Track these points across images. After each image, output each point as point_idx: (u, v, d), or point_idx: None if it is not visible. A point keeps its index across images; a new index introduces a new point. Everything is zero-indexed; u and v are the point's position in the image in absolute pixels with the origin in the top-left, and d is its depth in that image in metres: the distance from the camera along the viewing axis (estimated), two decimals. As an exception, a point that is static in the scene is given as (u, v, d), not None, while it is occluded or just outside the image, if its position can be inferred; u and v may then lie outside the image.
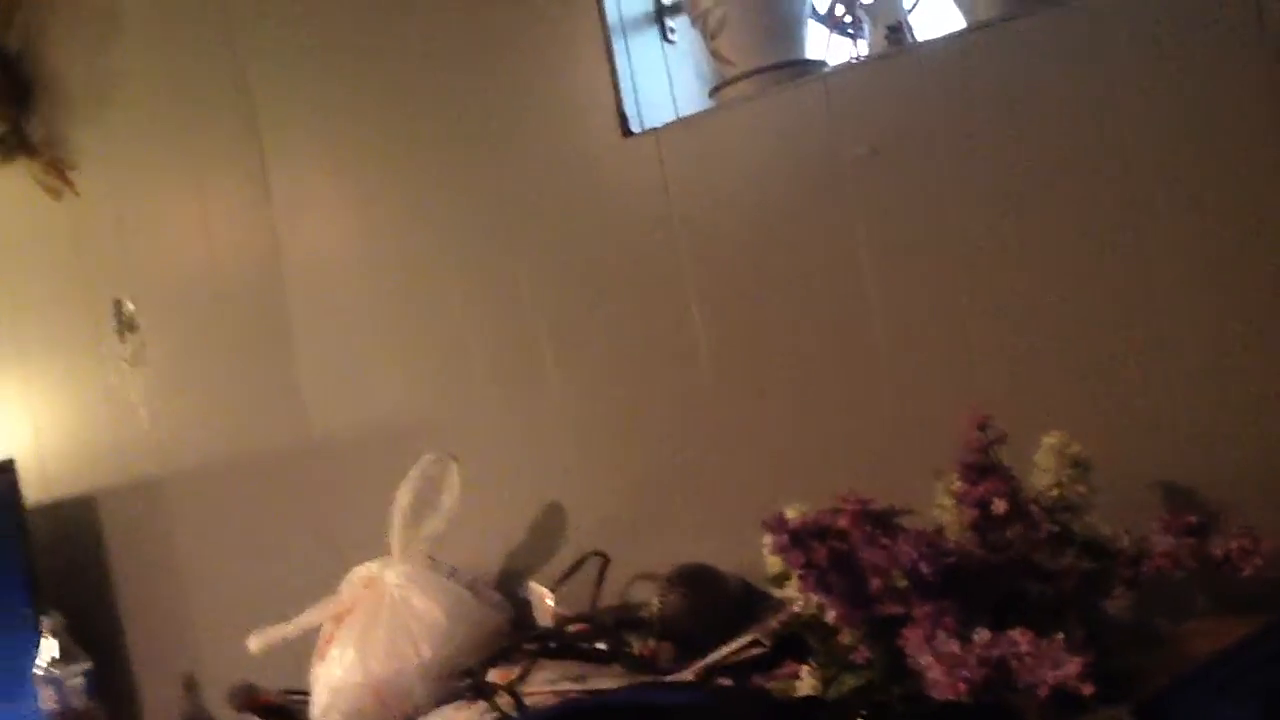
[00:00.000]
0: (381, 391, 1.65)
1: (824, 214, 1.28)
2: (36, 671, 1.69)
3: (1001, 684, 0.78)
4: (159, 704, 1.91)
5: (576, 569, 1.41)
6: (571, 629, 1.31)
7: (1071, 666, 0.76)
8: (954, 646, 0.80)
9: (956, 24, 1.27)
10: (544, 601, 1.39)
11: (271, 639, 1.47)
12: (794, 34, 1.35)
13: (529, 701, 1.16)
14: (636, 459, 1.44)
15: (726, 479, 1.37)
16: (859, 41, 1.39)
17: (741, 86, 1.34)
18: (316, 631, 1.47)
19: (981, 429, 0.94)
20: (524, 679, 1.21)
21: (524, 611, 1.44)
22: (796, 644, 1.02)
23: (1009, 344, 1.19)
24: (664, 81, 1.45)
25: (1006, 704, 0.79)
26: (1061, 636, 0.78)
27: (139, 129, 1.85)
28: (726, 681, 1.08)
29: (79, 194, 1.93)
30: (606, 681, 1.16)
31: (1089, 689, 0.75)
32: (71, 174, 1.92)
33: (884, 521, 0.91)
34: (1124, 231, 1.11)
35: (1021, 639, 0.79)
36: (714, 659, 1.11)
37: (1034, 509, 0.93)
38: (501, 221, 1.51)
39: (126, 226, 1.88)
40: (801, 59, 1.35)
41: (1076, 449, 0.98)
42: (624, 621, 1.28)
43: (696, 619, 1.22)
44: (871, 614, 0.87)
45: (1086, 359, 1.14)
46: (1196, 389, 1.08)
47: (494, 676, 1.25)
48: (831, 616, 0.90)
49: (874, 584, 0.86)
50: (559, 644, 1.28)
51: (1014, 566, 0.91)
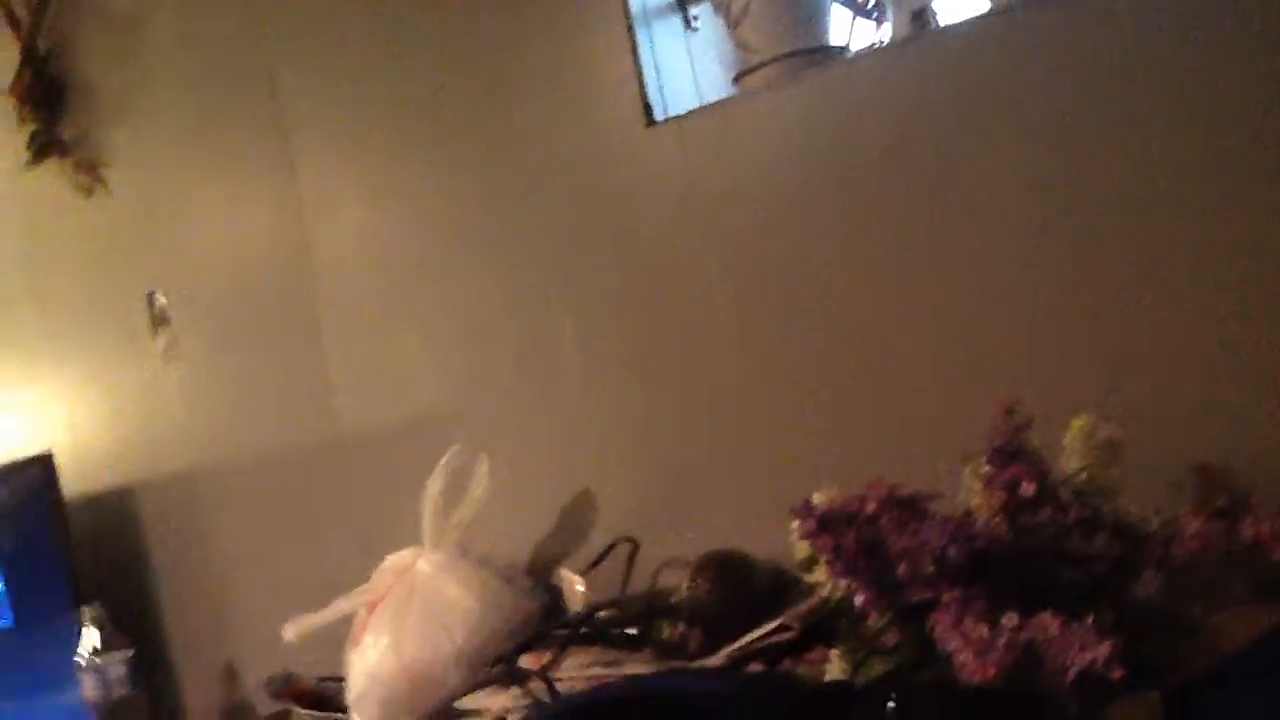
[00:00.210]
0: (410, 384, 1.67)
1: (848, 200, 1.28)
2: (79, 661, 1.72)
3: (1030, 667, 0.78)
4: (199, 691, 1.93)
5: (606, 555, 1.42)
6: (602, 615, 1.31)
7: (1101, 650, 0.76)
8: (983, 630, 0.80)
9: (980, 9, 1.27)
10: (574, 588, 1.40)
11: (306, 627, 1.49)
12: (817, 19, 1.35)
13: (561, 687, 1.17)
14: (664, 446, 1.45)
15: (755, 464, 1.37)
16: (882, 26, 1.38)
17: (765, 73, 1.34)
18: (351, 619, 1.49)
19: (1009, 413, 0.94)
20: (556, 664, 1.22)
21: (555, 598, 1.45)
22: (826, 629, 1.02)
23: (1039, 327, 1.18)
24: (687, 69, 1.45)
25: (1036, 687, 0.79)
26: (1091, 620, 0.78)
27: (168, 127, 1.87)
28: (756, 667, 1.08)
29: (110, 192, 1.95)
30: (637, 667, 1.17)
31: (1118, 673, 0.75)
32: (102, 172, 1.94)
33: (912, 506, 0.91)
34: (1154, 213, 1.10)
35: (1050, 622, 0.79)
36: (743, 644, 1.12)
37: (1063, 492, 0.93)
38: (526, 213, 1.52)
39: (157, 223, 1.90)
40: (825, 45, 1.35)
41: (1106, 432, 0.97)
42: (654, 607, 1.28)
43: (726, 604, 1.22)
44: (900, 599, 0.87)
45: (1116, 341, 1.14)
46: (1227, 369, 1.08)
47: (526, 662, 1.25)
48: (860, 601, 0.90)
49: (902, 569, 0.87)
50: (590, 630, 1.29)
51: (1043, 550, 0.91)
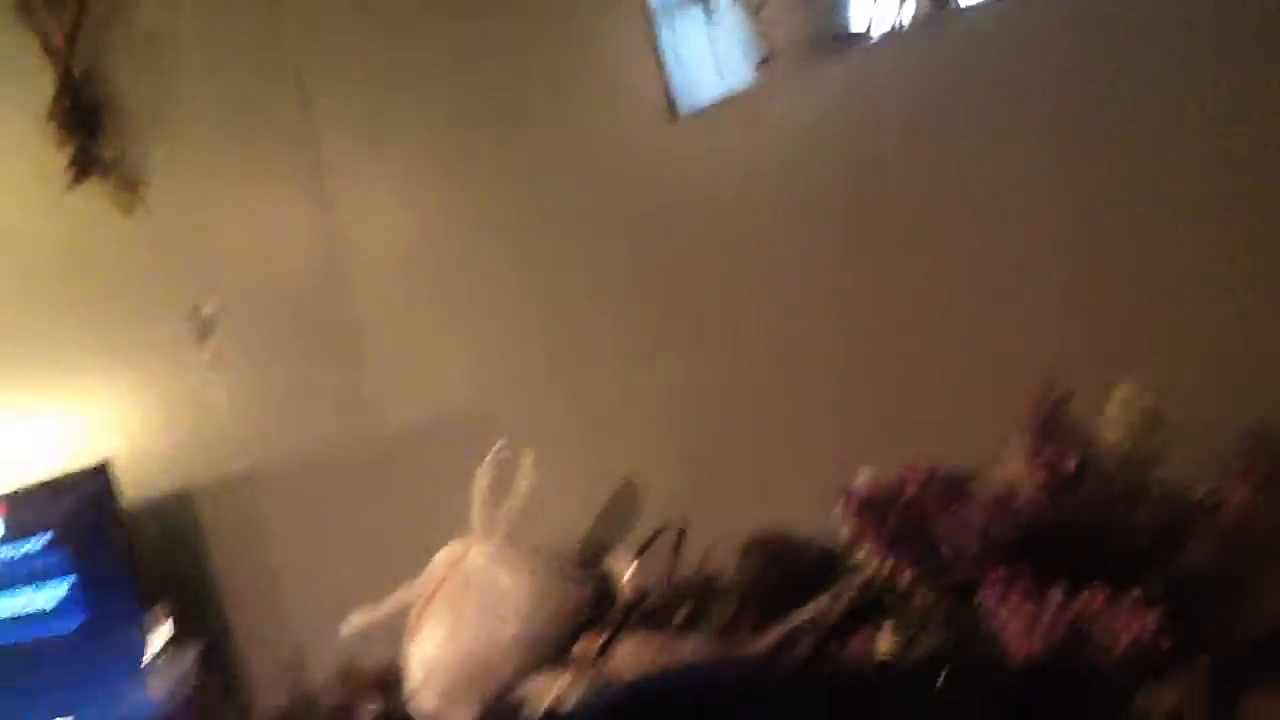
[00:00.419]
0: (450, 380, 1.69)
1: (873, 183, 1.28)
2: (148, 660, 1.77)
3: (1078, 642, 0.79)
4: (267, 685, 1.97)
5: (653, 541, 1.43)
6: (651, 600, 1.33)
7: (1148, 622, 0.76)
8: (1029, 608, 0.81)
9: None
10: (623, 575, 1.42)
11: (365, 621, 1.52)
12: (838, 5, 1.35)
13: (612, 671, 1.19)
14: (706, 430, 1.46)
15: (797, 446, 1.38)
16: (904, 7, 1.37)
17: (786, 60, 1.34)
18: (408, 611, 1.52)
19: (1048, 389, 0.94)
20: (607, 650, 1.24)
21: (605, 585, 1.47)
22: (874, 606, 1.03)
23: (1077, 297, 1.18)
24: (709, 59, 1.45)
25: (1084, 662, 0.80)
26: (1137, 593, 0.78)
27: (202, 139, 1.89)
28: (805, 646, 1.09)
29: (150, 207, 1.98)
30: (688, 650, 1.19)
31: (1166, 643, 0.76)
32: (141, 189, 1.98)
33: (954, 486, 0.92)
34: (1187, 181, 1.09)
35: (1096, 596, 0.80)
36: (792, 624, 1.13)
37: (1106, 465, 0.93)
38: (555, 207, 1.54)
39: (197, 235, 1.93)
40: (846, 31, 1.35)
41: (1148, 401, 0.97)
42: (703, 590, 1.30)
43: (774, 585, 1.23)
44: (945, 577, 0.88)
45: (1158, 309, 1.13)
46: (1271, 334, 1.07)
47: (579, 649, 1.28)
48: (905, 581, 0.91)
49: (946, 549, 0.87)
50: (640, 615, 1.31)
51: (1087, 525, 0.91)
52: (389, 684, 1.56)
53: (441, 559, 1.52)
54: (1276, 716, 0.80)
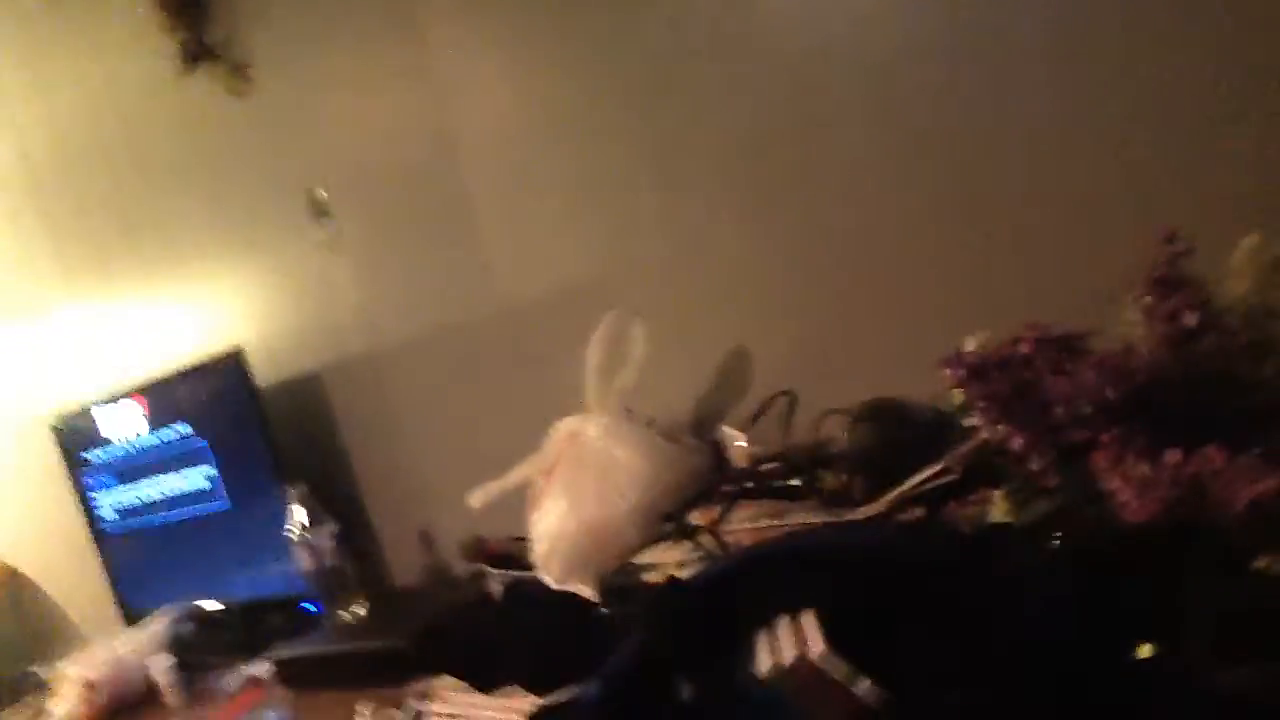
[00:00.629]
0: (563, 253, 1.69)
1: (985, 24, 1.22)
2: (290, 536, 1.87)
3: (1195, 503, 0.77)
4: (401, 558, 2.07)
5: (765, 410, 1.44)
6: (765, 468, 1.34)
7: (1271, 481, 0.74)
8: (1144, 468, 0.79)
9: None
10: (736, 444, 1.44)
11: (489, 495, 1.57)
12: None
13: (729, 540, 1.21)
14: (816, 297, 1.44)
15: (909, 309, 1.36)
16: None
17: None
18: (530, 484, 1.57)
19: (1169, 240, 0.90)
20: (723, 519, 1.27)
21: (719, 454, 1.49)
22: (987, 470, 1.02)
23: (1197, 145, 1.12)
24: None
25: (1204, 523, 0.78)
26: (1259, 451, 0.76)
27: (306, 22, 1.89)
28: (918, 511, 1.09)
29: (260, 92, 2.00)
30: (801, 517, 1.20)
31: (1289, 503, 0.73)
32: (251, 72, 2.00)
33: (1067, 346, 0.90)
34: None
35: (1216, 455, 0.77)
36: (905, 489, 1.13)
37: (1229, 319, 0.89)
38: (662, 71, 1.50)
39: (308, 118, 1.95)
40: None
41: (1275, 251, 0.92)
42: (815, 458, 1.30)
43: (886, 451, 1.22)
44: (1058, 440, 0.87)
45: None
46: None
47: (695, 518, 1.30)
48: (1017, 446, 0.90)
49: (1058, 412, 0.86)
50: (754, 484, 1.32)
51: (1209, 381, 0.88)
52: (516, 555, 1.63)
53: (559, 433, 1.55)
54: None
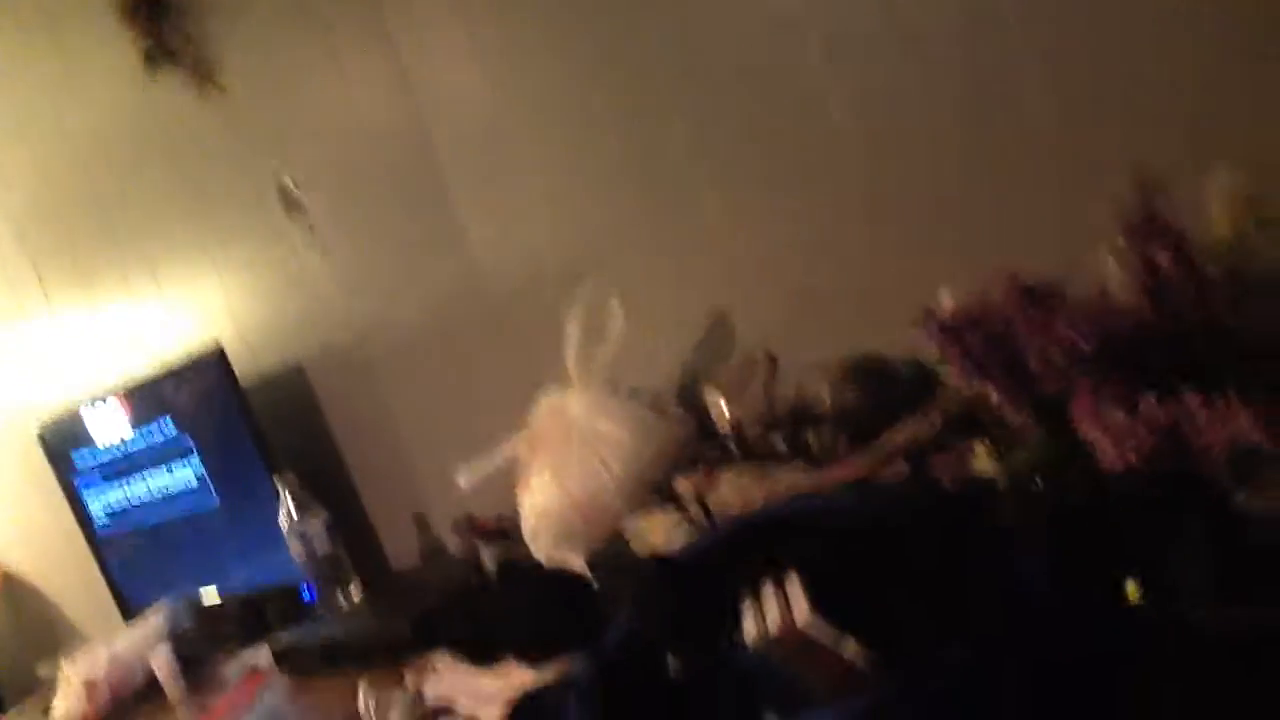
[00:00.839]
0: (539, 228, 1.68)
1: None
2: (282, 527, 1.87)
3: (1176, 448, 0.77)
4: (396, 541, 2.07)
5: (747, 372, 1.43)
6: (749, 432, 1.34)
7: (1246, 421, 0.73)
8: (1121, 417, 0.78)
9: None
10: (720, 408, 1.43)
11: (477, 473, 1.56)
12: None
13: (715, 506, 1.21)
14: (793, 258, 1.43)
15: (886, 266, 1.35)
16: None
17: None
18: (517, 461, 1.56)
19: (1142, 186, 0.89)
20: (709, 486, 1.26)
21: (704, 419, 1.48)
22: (969, 422, 1.02)
23: (1170, 84, 1.10)
24: None
25: (1183, 467, 0.77)
26: (1234, 392, 0.75)
27: (268, 17, 1.87)
28: (902, 466, 1.09)
29: (225, 89, 1.98)
30: (787, 480, 1.19)
31: (1269, 441, 0.73)
32: (216, 72, 1.97)
33: (1041, 297, 0.89)
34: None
35: (1192, 400, 0.77)
36: (887, 447, 1.12)
37: (1205, 262, 0.88)
38: (632, 43, 1.48)
39: (276, 111, 1.93)
40: None
41: (1252, 189, 0.91)
42: (799, 418, 1.30)
43: (869, 407, 1.22)
44: (1034, 392, 0.86)
45: (1258, 90, 1.05)
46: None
47: (682, 486, 1.30)
48: (995, 399, 0.89)
49: (1033, 363, 0.85)
50: (739, 448, 1.32)
51: (1187, 325, 0.87)
52: (507, 532, 1.62)
53: (543, 409, 1.54)
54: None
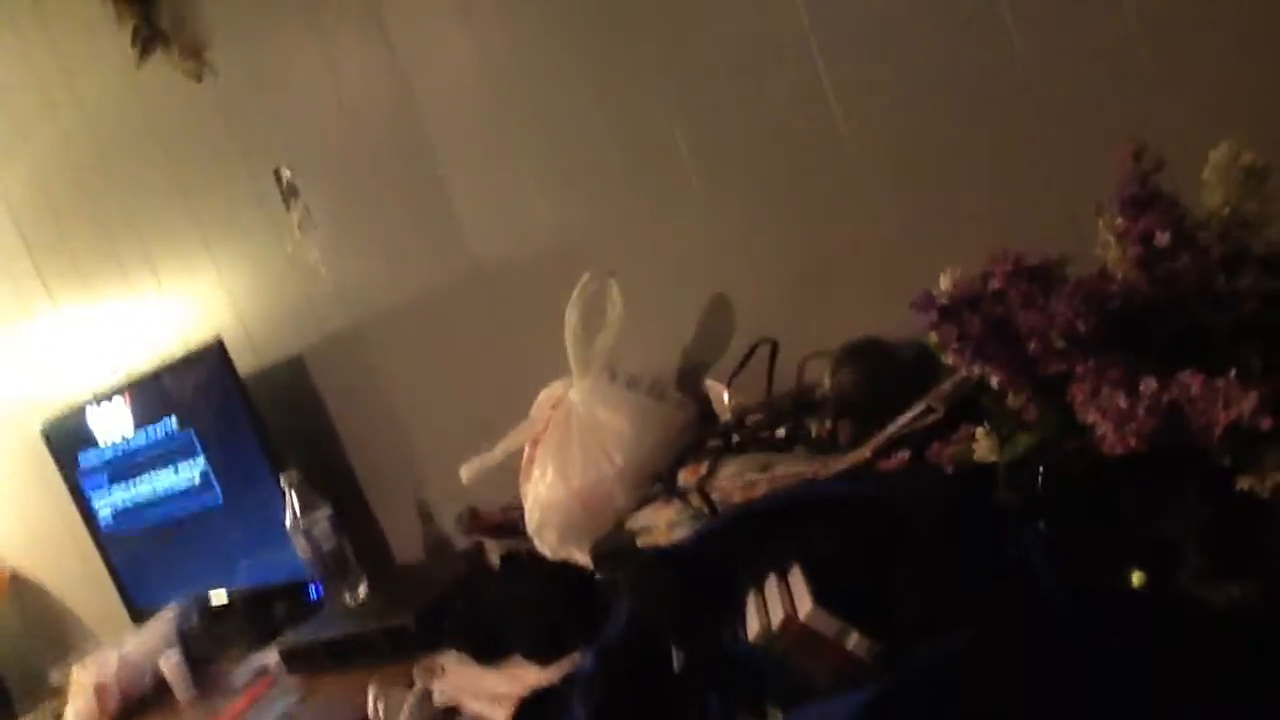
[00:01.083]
0: (535, 215, 1.66)
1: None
2: (286, 522, 1.87)
3: (1176, 429, 0.75)
4: (401, 535, 2.07)
5: (748, 360, 1.42)
6: (750, 420, 1.33)
7: (1247, 402, 0.72)
8: (1120, 399, 0.77)
9: None
10: (721, 396, 1.42)
11: (479, 468, 1.56)
12: None
13: (717, 496, 1.20)
14: (789, 243, 1.42)
15: (883, 246, 1.33)
16: None
17: None
18: (520, 453, 1.55)
19: (1137, 158, 0.88)
20: (711, 475, 1.25)
21: (705, 407, 1.47)
22: (971, 406, 1.00)
23: (1165, 56, 1.08)
24: None
25: (1184, 448, 0.76)
26: (1234, 373, 0.74)
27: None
28: (904, 453, 1.08)
29: (217, 73, 1.97)
30: (790, 467, 1.18)
31: (1267, 422, 0.71)
32: (205, 55, 1.96)
33: (1041, 276, 0.87)
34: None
35: (1191, 380, 0.75)
36: (890, 431, 1.11)
37: (1203, 236, 0.86)
38: (631, 25, 1.45)
39: (267, 98, 1.92)
40: None
41: (1249, 158, 0.89)
42: (800, 405, 1.29)
43: (870, 392, 1.20)
44: (1034, 376, 0.85)
45: (1258, 56, 1.03)
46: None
47: (683, 476, 1.28)
48: (995, 383, 0.88)
49: (1032, 346, 0.84)
50: (740, 436, 1.31)
51: (1186, 299, 0.86)
52: (512, 524, 1.62)
53: (544, 400, 1.54)
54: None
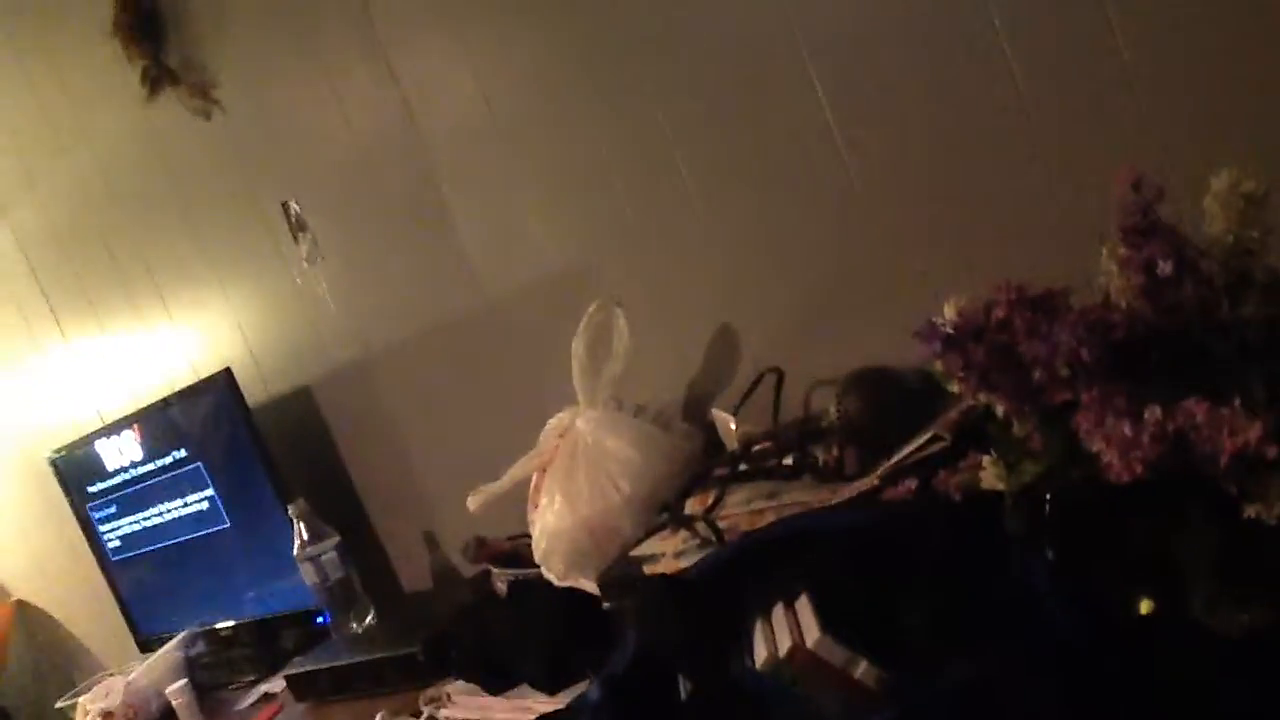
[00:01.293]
0: (542, 246, 1.67)
1: None
2: (294, 552, 1.87)
3: (1179, 458, 0.76)
4: (407, 564, 2.07)
5: (754, 389, 1.43)
6: (757, 448, 1.33)
7: (1252, 431, 0.72)
8: (1125, 428, 0.77)
9: None
10: (728, 426, 1.42)
11: (487, 497, 1.57)
12: None
13: (724, 525, 1.20)
14: (795, 271, 1.42)
15: (888, 275, 1.34)
16: None
17: None
18: (527, 482, 1.56)
19: (1137, 187, 0.88)
20: (718, 504, 1.25)
21: (712, 436, 1.48)
22: (978, 435, 1.01)
23: (1169, 85, 1.09)
24: None
25: (1189, 477, 0.76)
26: (1238, 401, 0.74)
27: (267, 38, 1.87)
28: (911, 481, 1.08)
29: (225, 110, 1.99)
30: (797, 495, 1.19)
31: (1273, 451, 0.72)
32: (214, 93, 1.98)
33: (1045, 305, 0.88)
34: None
35: (1196, 409, 0.75)
36: (897, 460, 1.11)
37: (1205, 264, 0.87)
38: (631, 54, 1.46)
39: (275, 133, 1.94)
40: None
41: (1250, 185, 0.90)
42: (806, 433, 1.29)
43: (877, 420, 1.21)
44: (1039, 404, 0.85)
45: (1258, 87, 1.04)
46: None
47: (690, 505, 1.29)
48: (1000, 411, 0.88)
49: (1037, 374, 0.84)
50: (747, 465, 1.31)
51: (1190, 327, 0.86)
52: (519, 553, 1.62)
53: (551, 429, 1.54)
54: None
